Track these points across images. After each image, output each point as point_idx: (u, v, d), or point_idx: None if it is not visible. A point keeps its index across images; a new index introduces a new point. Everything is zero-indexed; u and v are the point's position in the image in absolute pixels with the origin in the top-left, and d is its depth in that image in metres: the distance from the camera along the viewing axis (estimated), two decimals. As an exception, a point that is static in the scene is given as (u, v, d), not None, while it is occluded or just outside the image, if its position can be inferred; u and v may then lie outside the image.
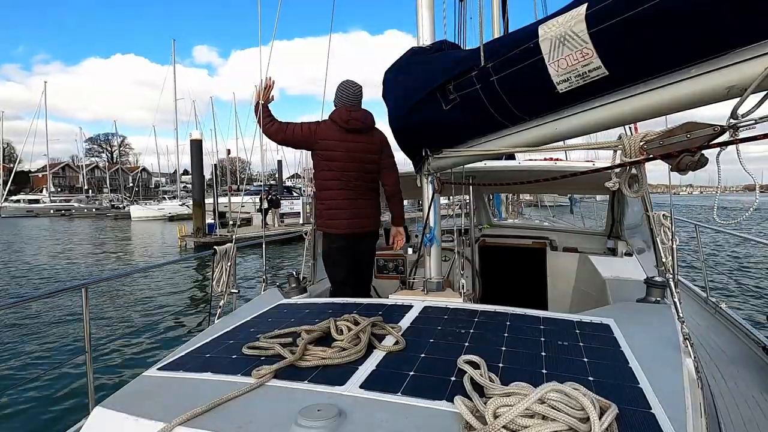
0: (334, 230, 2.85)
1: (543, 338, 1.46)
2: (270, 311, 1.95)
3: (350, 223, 2.84)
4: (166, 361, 1.46)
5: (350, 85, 2.90)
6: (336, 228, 2.84)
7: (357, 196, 2.86)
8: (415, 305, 1.88)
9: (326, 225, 2.89)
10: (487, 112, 1.72)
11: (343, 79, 2.95)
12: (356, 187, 2.85)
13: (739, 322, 3.96)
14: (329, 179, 2.84)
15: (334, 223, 2.84)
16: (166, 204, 42.12)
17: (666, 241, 1.97)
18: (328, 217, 2.86)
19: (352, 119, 2.80)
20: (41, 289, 11.58)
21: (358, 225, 2.87)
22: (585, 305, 2.67)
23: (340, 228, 2.84)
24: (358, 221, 2.87)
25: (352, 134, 2.82)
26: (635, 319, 1.69)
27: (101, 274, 13.30)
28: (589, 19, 1.26)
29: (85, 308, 2.60)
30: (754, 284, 10.43)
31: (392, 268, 3.90)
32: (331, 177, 2.82)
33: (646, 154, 1.34)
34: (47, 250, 19.96)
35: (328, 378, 1.23)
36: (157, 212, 39.16)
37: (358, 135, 2.84)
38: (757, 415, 2.55)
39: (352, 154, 2.82)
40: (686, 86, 1.19)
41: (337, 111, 2.85)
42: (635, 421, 0.97)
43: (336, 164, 2.81)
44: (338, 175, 2.81)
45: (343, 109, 2.84)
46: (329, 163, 2.82)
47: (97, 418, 1.15)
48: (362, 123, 2.84)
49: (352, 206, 2.84)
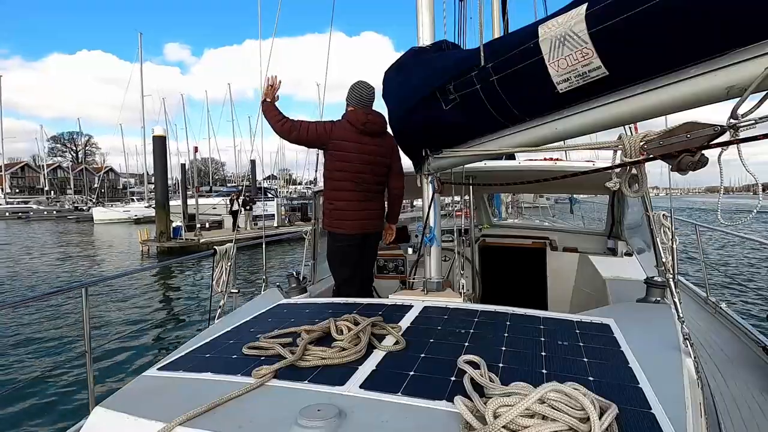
0: (342, 230, 2.86)
1: (543, 338, 1.46)
2: (270, 311, 1.95)
3: (359, 224, 2.86)
4: (166, 361, 1.45)
5: (365, 86, 2.90)
6: (345, 228, 2.86)
7: (367, 198, 2.88)
8: (415, 305, 1.88)
9: (334, 225, 2.89)
10: (487, 112, 1.72)
11: (356, 80, 2.96)
12: (367, 189, 2.88)
13: (739, 322, 3.96)
14: (341, 179, 2.84)
15: (344, 224, 2.86)
16: (132, 206, 40.15)
17: (666, 241, 1.97)
18: (338, 217, 2.87)
19: (369, 122, 2.82)
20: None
21: (367, 226, 2.90)
22: (585, 305, 2.68)
23: (349, 228, 2.85)
24: (367, 222, 2.89)
25: (367, 136, 2.83)
26: (635, 319, 1.69)
27: (36, 286, 12.13)
28: (589, 19, 1.26)
29: (85, 308, 2.60)
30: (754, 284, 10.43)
31: (392, 268, 3.91)
32: (343, 178, 2.83)
33: (646, 154, 1.34)
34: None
35: (328, 378, 1.23)
36: (122, 214, 37.42)
37: (372, 137, 2.85)
38: (757, 415, 2.55)
39: (366, 156, 2.83)
40: (686, 86, 1.19)
41: (353, 112, 2.85)
42: (635, 421, 0.97)
43: (349, 165, 2.82)
44: (351, 176, 2.83)
45: (360, 111, 2.85)
46: (342, 163, 2.83)
47: (97, 418, 1.15)
48: (379, 126, 2.86)
49: (362, 207, 2.87)
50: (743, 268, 12.69)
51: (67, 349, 7.09)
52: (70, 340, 7.47)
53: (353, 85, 2.93)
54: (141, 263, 16.97)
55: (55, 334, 7.85)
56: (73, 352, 6.75)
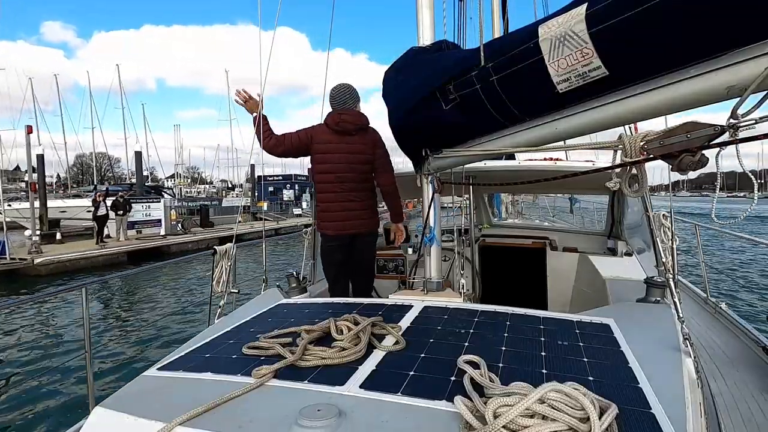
0: (328, 231, 2.91)
1: (543, 338, 1.46)
2: (270, 311, 1.95)
3: (342, 225, 2.88)
4: (166, 361, 1.45)
5: (336, 88, 2.96)
6: (329, 229, 2.90)
7: (349, 199, 2.89)
8: (415, 305, 1.88)
9: (322, 227, 2.95)
10: (487, 112, 1.72)
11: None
12: (349, 189, 2.88)
13: (739, 322, 3.96)
14: (324, 182, 2.89)
15: (329, 225, 2.90)
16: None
17: (666, 241, 1.97)
18: (324, 219, 2.92)
19: (342, 121, 2.84)
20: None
21: (350, 227, 2.90)
22: (585, 305, 2.68)
23: (333, 229, 2.89)
24: (349, 223, 2.90)
25: (345, 136, 2.85)
26: (635, 319, 1.69)
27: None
28: (589, 18, 1.26)
29: (85, 308, 2.60)
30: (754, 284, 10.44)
31: (392, 268, 3.91)
32: (326, 180, 2.88)
33: (646, 154, 1.34)
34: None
35: (328, 378, 1.23)
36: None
37: (350, 136, 2.87)
38: (757, 415, 2.56)
39: (345, 155, 2.86)
40: (686, 86, 1.19)
41: (329, 114, 2.90)
42: (635, 421, 0.97)
43: (329, 166, 2.86)
44: (331, 178, 2.86)
45: (334, 112, 2.89)
46: (322, 165, 2.87)
47: (97, 417, 1.15)
48: (352, 124, 2.86)
49: (343, 208, 2.88)
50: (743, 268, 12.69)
51: (67, 349, 7.09)
52: (70, 340, 7.47)
53: (332, 89, 2.98)
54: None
55: (55, 334, 7.85)
56: (73, 352, 6.75)
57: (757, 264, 13.30)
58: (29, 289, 11.55)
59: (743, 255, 14.63)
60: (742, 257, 14.36)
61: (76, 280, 11.78)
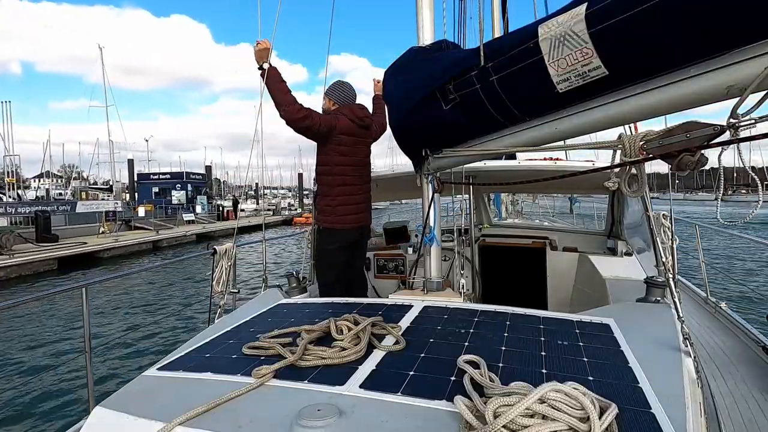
0: (344, 225, 2.88)
1: (543, 338, 1.46)
2: (270, 311, 1.95)
3: (356, 218, 2.93)
4: (166, 361, 1.45)
5: (343, 84, 3.06)
6: (347, 222, 2.89)
7: (365, 191, 3.01)
8: (415, 305, 1.88)
9: (333, 221, 2.86)
10: (487, 112, 1.72)
11: (336, 80, 3.10)
12: (364, 182, 3.00)
13: (739, 322, 3.96)
14: (344, 174, 2.89)
15: (346, 219, 2.89)
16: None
17: (666, 241, 1.97)
18: (339, 213, 2.86)
19: (365, 116, 2.97)
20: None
21: (363, 219, 2.99)
22: (585, 305, 2.67)
23: (349, 222, 2.90)
24: (362, 215, 2.99)
25: (363, 130, 2.96)
26: (635, 319, 1.69)
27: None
28: (589, 18, 1.26)
29: (85, 308, 2.60)
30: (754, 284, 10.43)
31: (392, 268, 3.91)
32: (346, 173, 2.90)
33: (645, 154, 1.34)
34: None
35: (328, 378, 1.23)
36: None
37: (367, 131, 2.99)
38: (757, 415, 2.56)
39: (364, 149, 2.99)
40: (686, 86, 1.19)
41: (349, 108, 2.94)
42: (635, 420, 0.97)
43: (351, 159, 2.91)
44: (352, 171, 2.91)
45: (355, 107, 2.97)
46: (344, 158, 2.88)
47: (97, 418, 1.15)
48: (370, 119, 3.01)
49: (361, 200, 2.97)
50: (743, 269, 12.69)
51: (67, 349, 7.09)
52: (70, 340, 7.47)
53: (339, 84, 3.06)
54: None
55: (55, 334, 7.85)
56: (73, 352, 6.75)
57: (757, 264, 13.30)
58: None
59: (743, 255, 14.63)
60: (743, 257, 14.36)
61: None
